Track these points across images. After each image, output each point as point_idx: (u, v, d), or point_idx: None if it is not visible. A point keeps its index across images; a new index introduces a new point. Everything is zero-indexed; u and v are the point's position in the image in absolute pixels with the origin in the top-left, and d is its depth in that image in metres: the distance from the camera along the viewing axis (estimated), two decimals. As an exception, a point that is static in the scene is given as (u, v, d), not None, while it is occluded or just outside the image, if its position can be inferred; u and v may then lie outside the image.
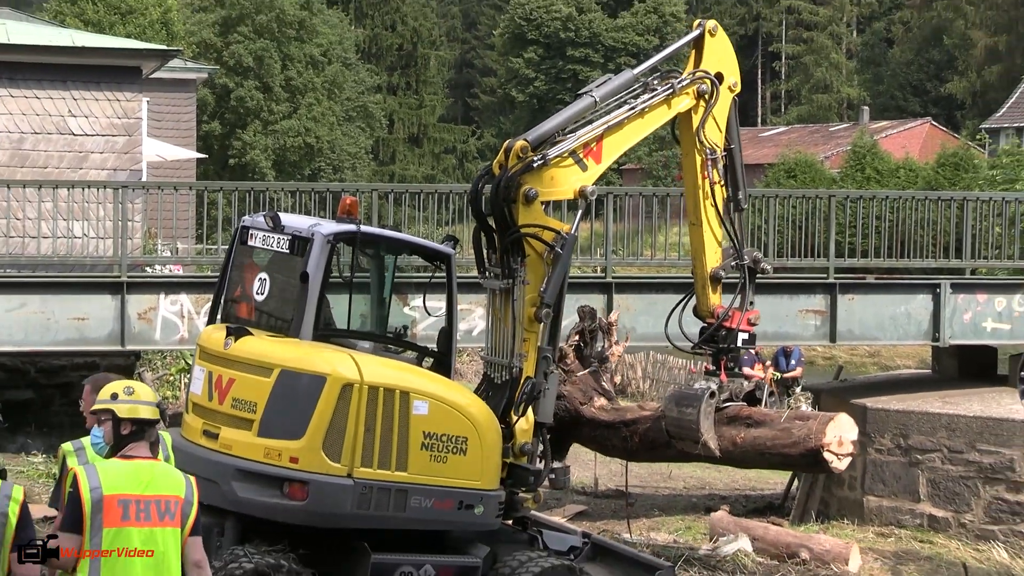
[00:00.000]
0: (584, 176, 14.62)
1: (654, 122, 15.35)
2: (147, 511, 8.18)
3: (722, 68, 15.65)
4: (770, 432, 14.93)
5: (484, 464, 13.80)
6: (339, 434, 13.06)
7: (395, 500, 13.40)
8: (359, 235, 14.22)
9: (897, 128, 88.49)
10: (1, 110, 27.73)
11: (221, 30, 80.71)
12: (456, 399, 13.86)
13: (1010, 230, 26.23)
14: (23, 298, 21.46)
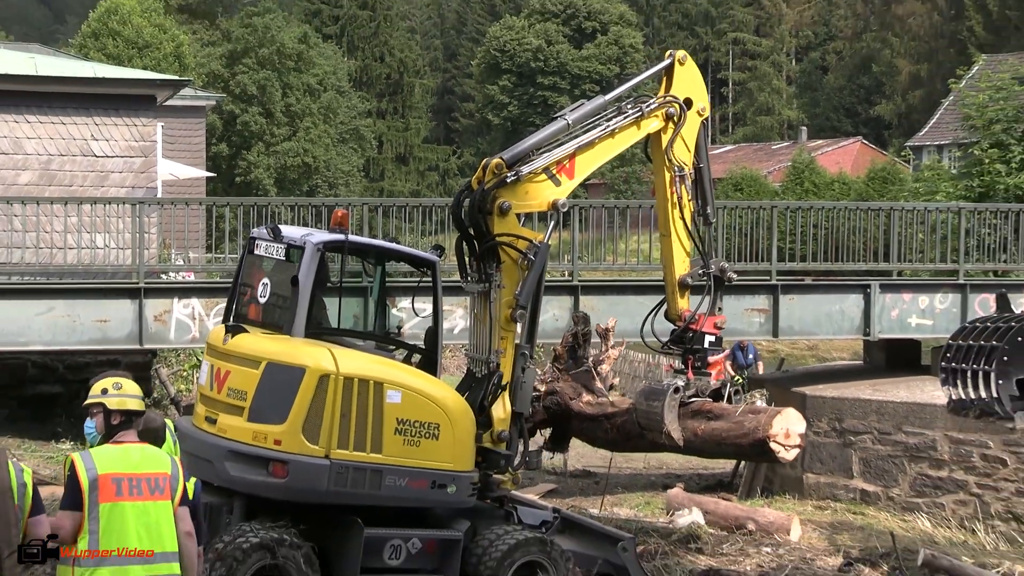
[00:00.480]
0: (558, 190, 14.61)
1: (624, 142, 15.25)
2: (139, 487, 8.38)
3: (691, 94, 15.48)
4: (725, 424, 14.85)
5: (456, 449, 13.82)
6: (317, 419, 13.15)
7: (370, 479, 13.46)
8: (347, 244, 14.27)
9: (832, 146, 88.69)
10: (31, 134, 27.67)
11: (228, 62, 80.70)
12: (428, 390, 13.84)
13: (931, 236, 26.30)
14: (51, 303, 21.45)
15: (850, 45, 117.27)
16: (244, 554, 12.86)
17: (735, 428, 14.75)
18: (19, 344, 21.50)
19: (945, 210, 27.23)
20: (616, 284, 23.83)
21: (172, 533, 8.50)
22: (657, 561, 16.14)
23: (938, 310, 24.42)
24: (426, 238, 23.64)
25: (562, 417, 17.08)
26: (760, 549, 17.90)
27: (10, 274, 22.81)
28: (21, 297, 21.50)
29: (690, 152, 15.44)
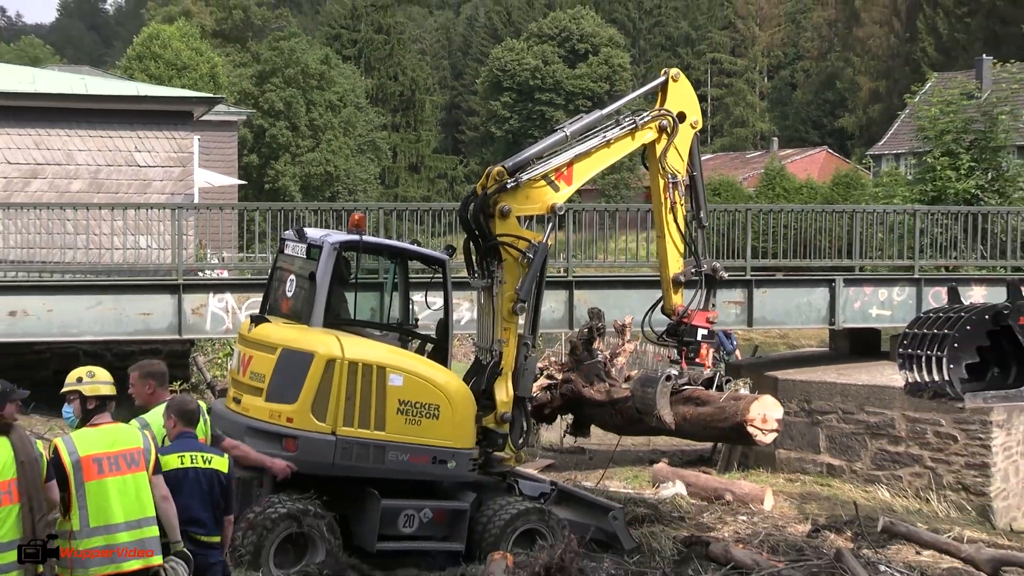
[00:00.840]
0: (557, 195, 14.60)
1: (620, 151, 15.14)
2: (116, 463, 8.47)
3: (684, 108, 15.40)
4: (710, 410, 14.75)
5: (456, 428, 13.89)
6: (324, 399, 13.33)
7: (374, 454, 13.60)
8: (361, 244, 14.40)
9: (800, 155, 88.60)
10: (82, 147, 27.71)
11: (257, 81, 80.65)
12: (429, 375, 13.91)
13: (890, 236, 26.33)
14: (100, 298, 21.47)
15: (816, 64, 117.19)
16: (273, 523, 12.93)
17: (718, 413, 14.68)
18: (71, 335, 21.52)
19: (902, 212, 27.27)
20: (606, 279, 23.82)
21: (150, 500, 8.61)
22: (644, 528, 16.15)
23: (896, 302, 24.43)
24: (436, 239, 23.63)
25: (576, 403, 17.03)
26: (736, 517, 17.91)
27: (63, 272, 22.83)
28: (73, 293, 21.52)
29: (683, 161, 15.27)
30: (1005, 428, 21.04)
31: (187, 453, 9.22)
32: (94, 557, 8.35)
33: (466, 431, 14.07)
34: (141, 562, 8.47)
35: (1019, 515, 21.13)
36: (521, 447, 14.93)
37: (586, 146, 14.76)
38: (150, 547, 8.54)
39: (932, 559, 14.87)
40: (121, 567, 8.40)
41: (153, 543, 8.57)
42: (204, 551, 9.11)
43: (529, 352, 14.74)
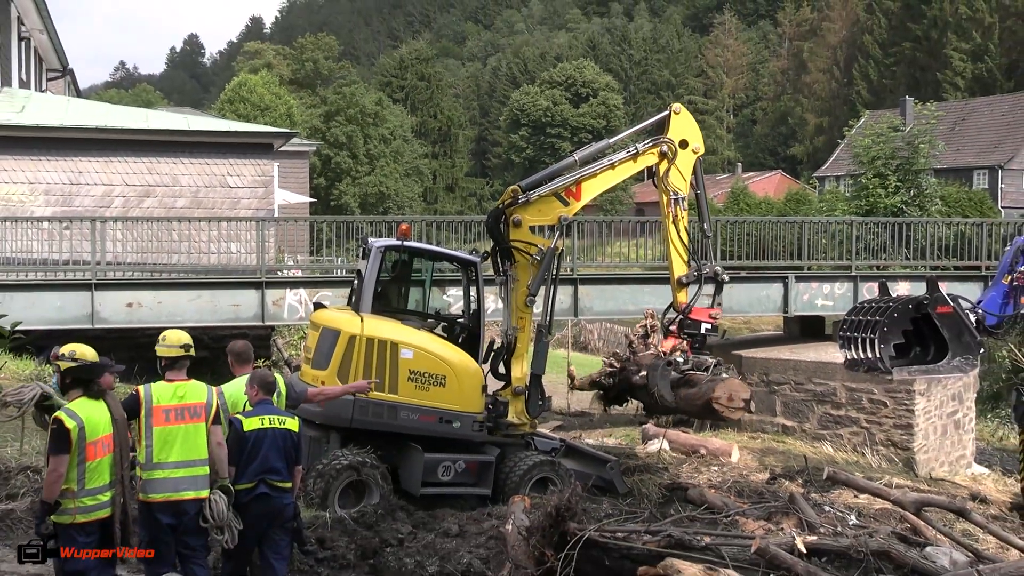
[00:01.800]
0: (565, 209, 14.40)
1: (623, 173, 14.82)
2: (181, 414, 8.64)
3: (686, 136, 14.81)
4: (694, 391, 14.63)
5: (461, 394, 13.84)
6: (347, 367, 13.51)
7: (388, 412, 13.72)
8: (402, 247, 14.65)
9: (759, 177, 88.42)
10: (184, 172, 27.74)
11: (324, 119, 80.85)
12: (436, 350, 13.87)
13: (832, 241, 26.22)
14: (199, 292, 21.50)
15: (772, 104, 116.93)
16: (337, 472, 12.94)
17: (696, 393, 14.56)
18: (176, 321, 21.49)
19: (841, 223, 27.14)
20: (604, 277, 23.72)
21: (204, 446, 8.71)
22: (635, 477, 16.08)
23: (837, 295, 24.32)
24: (468, 244, 23.62)
25: (628, 389, 16.74)
26: (709, 468, 17.83)
27: (170, 272, 22.86)
28: (177, 289, 21.54)
29: (685, 181, 14.72)
30: (925, 395, 20.92)
31: (266, 416, 9.25)
32: (156, 484, 8.55)
33: (470, 398, 13.93)
34: (193, 493, 8.63)
35: (936, 466, 21.01)
36: (536, 415, 14.73)
37: (594, 168, 14.52)
38: (200, 484, 8.68)
39: (867, 501, 14.77)
40: (177, 495, 8.57)
41: (203, 480, 8.70)
42: (279, 494, 9.12)
43: (544, 337, 14.60)
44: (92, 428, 8.13)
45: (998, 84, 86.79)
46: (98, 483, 8.14)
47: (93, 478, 8.11)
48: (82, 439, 8.06)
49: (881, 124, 43.32)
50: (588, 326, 44.71)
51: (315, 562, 10.98)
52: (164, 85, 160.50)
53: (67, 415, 8.10)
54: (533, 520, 10.13)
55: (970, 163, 71.30)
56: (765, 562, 9.16)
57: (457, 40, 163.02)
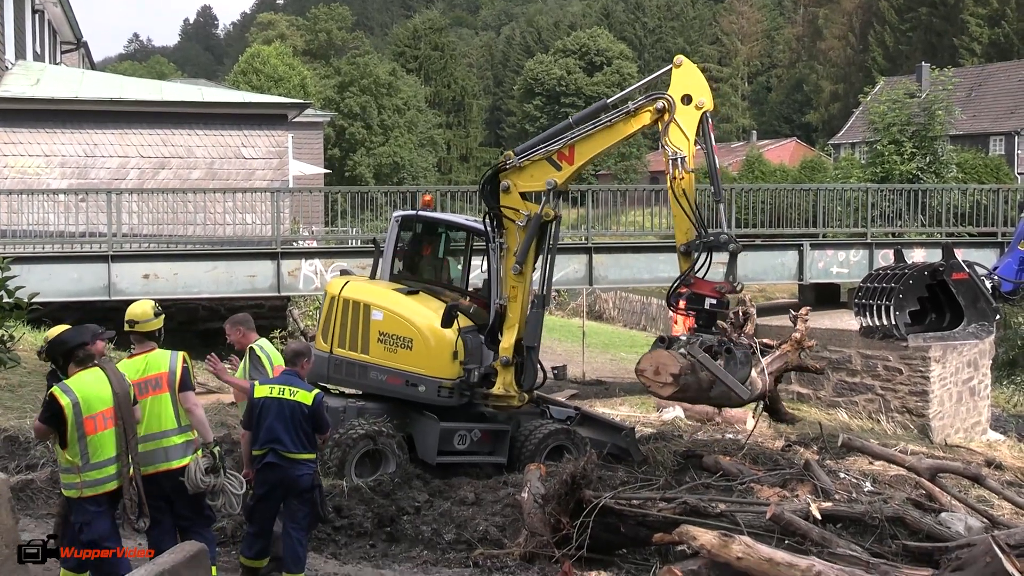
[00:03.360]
0: (557, 174, 13.36)
1: (619, 134, 13.15)
2: (144, 388, 8.58)
3: (689, 91, 12.56)
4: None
5: (428, 359, 13.55)
6: (328, 327, 14.10)
7: (359, 372, 13.94)
8: (417, 217, 14.75)
9: (774, 145, 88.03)
10: (199, 143, 27.73)
11: (338, 90, 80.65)
12: (406, 313, 13.71)
13: (847, 208, 26.12)
14: (215, 263, 21.52)
15: (787, 71, 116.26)
16: (354, 442, 12.98)
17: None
18: (193, 293, 21.60)
19: (857, 190, 27.00)
20: (618, 246, 23.70)
21: (170, 415, 8.63)
22: (650, 444, 16.09)
23: (852, 262, 24.24)
24: (483, 214, 23.61)
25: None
26: (724, 436, 17.84)
27: (186, 243, 22.90)
28: (194, 260, 21.57)
29: (688, 139, 12.46)
30: (941, 362, 20.87)
31: (276, 386, 9.28)
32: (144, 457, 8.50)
33: (437, 363, 13.59)
34: (166, 464, 8.57)
35: (952, 432, 20.99)
36: (528, 388, 14.01)
37: (586, 129, 13.28)
38: (174, 453, 8.61)
39: (882, 468, 14.78)
40: (154, 468, 8.52)
41: (177, 449, 8.62)
42: (287, 464, 9.15)
43: (538, 307, 13.85)
44: (88, 403, 8.04)
45: (1015, 49, 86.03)
46: (102, 456, 8.07)
47: (97, 452, 8.05)
48: (78, 414, 7.99)
49: (897, 90, 43.00)
50: (603, 295, 44.68)
51: (332, 530, 11.06)
52: (178, 57, 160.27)
53: (61, 390, 8.04)
54: (549, 488, 10.18)
55: (986, 129, 70.82)
56: (780, 528, 9.19)
57: (470, 9, 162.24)
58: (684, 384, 11.43)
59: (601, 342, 33.54)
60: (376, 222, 27.25)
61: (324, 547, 10.80)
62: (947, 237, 24.81)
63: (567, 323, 36.22)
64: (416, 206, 22.67)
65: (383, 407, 13.91)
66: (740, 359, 11.90)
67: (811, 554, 8.68)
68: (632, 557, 10.08)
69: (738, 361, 11.82)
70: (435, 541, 11.05)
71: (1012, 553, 8.12)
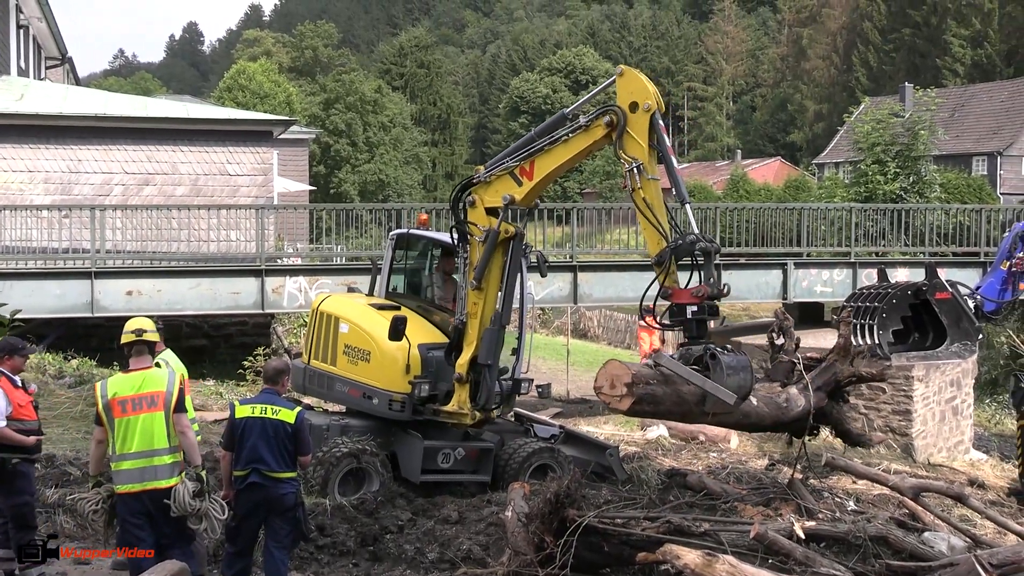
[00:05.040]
0: (518, 190, 12.88)
1: (576, 147, 12.44)
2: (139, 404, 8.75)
3: (635, 98, 11.71)
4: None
5: (382, 372, 13.60)
6: (307, 339, 14.69)
7: (327, 383, 14.21)
8: (407, 235, 14.97)
9: (759, 164, 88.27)
10: (184, 160, 27.71)
11: (324, 106, 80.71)
12: (367, 326, 13.82)
13: (831, 228, 26.24)
14: (199, 280, 21.51)
15: (771, 91, 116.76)
16: (337, 460, 12.95)
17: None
18: (176, 309, 21.54)
19: (840, 209, 27.14)
20: (603, 264, 23.73)
21: (163, 434, 8.73)
22: (634, 463, 16.08)
23: (836, 281, 24.34)
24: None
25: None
26: (708, 454, 17.84)
27: (170, 260, 22.86)
28: (178, 277, 21.55)
29: (643, 145, 11.51)
30: (924, 381, 20.90)
31: (258, 405, 9.23)
32: (122, 475, 8.66)
33: (390, 376, 13.58)
34: (154, 483, 8.62)
35: (935, 451, 21.01)
36: (483, 408, 13.59)
37: (546, 144, 12.70)
38: (163, 473, 8.67)
39: (866, 487, 14.80)
40: (141, 486, 8.63)
41: (166, 469, 8.69)
42: (271, 483, 9.10)
43: (496, 325, 13.41)
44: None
45: (997, 70, 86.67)
46: None
47: None
48: None
49: (881, 110, 43.29)
50: (588, 313, 44.72)
51: (315, 549, 11.01)
52: (163, 73, 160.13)
53: None
54: (533, 506, 10.15)
55: (969, 149, 71.22)
56: (764, 547, 9.19)
57: (456, 27, 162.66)
58: (647, 395, 10.25)
59: (586, 360, 33.55)
60: (361, 239, 27.25)
61: (307, 566, 10.76)
62: (930, 257, 24.92)
63: (552, 341, 36.24)
64: (403, 223, 22.76)
65: (367, 425, 13.89)
66: (730, 364, 10.52)
67: (795, 573, 8.69)
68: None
69: (725, 366, 10.44)
70: (418, 560, 11.01)
71: (994, 572, 8.14)
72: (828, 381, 12.51)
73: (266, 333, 26.70)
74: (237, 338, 26.04)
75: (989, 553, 9.23)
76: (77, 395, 17.97)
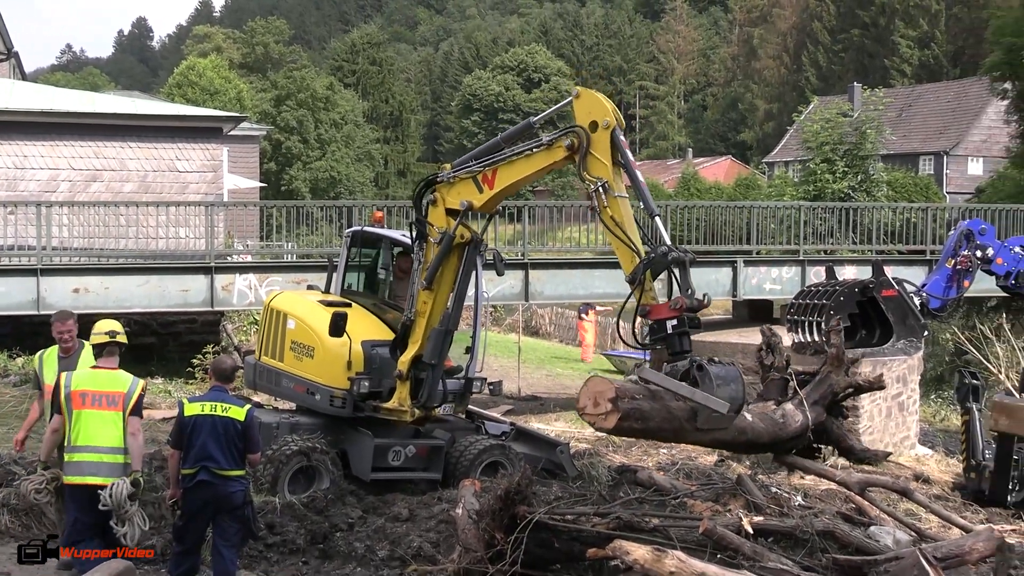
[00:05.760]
0: (479, 196, 12.65)
1: (537, 164, 12.08)
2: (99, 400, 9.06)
3: (594, 117, 11.21)
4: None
5: (324, 368, 13.67)
6: (259, 335, 14.87)
7: (275, 379, 14.27)
8: (361, 233, 14.87)
9: (709, 162, 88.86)
10: (133, 156, 27.46)
11: (275, 103, 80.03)
12: (312, 322, 13.83)
13: (780, 226, 26.47)
14: (148, 277, 21.32)
15: (722, 90, 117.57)
16: (287, 458, 12.89)
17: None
18: (124, 307, 21.29)
19: (790, 207, 27.38)
20: (555, 262, 23.79)
21: (119, 434, 9.00)
22: (585, 459, 16.13)
23: (784, 278, 24.53)
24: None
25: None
26: (658, 451, 17.92)
27: (117, 257, 22.62)
28: (126, 274, 21.34)
29: (607, 164, 11.10)
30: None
31: (208, 403, 9.17)
32: (70, 467, 8.95)
33: (331, 372, 13.62)
34: (101, 479, 8.82)
35: (881, 447, 21.23)
36: (421, 405, 13.49)
37: (509, 155, 12.44)
38: (110, 471, 8.89)
39: (813, 482, 14.95)
40: (84, 479, 8.86)
41: (115, 468, 8.92)
42: (220, 481, 9.05)
43: (444, 326, 13.25)
44: None
45: (944, 71, 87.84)
46: None
47: None
48: None
49: (830, 110, 43.75)
50: (539, 311, 44.78)
51: (264, 547, 10.95)
52: (112, 69, 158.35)
53: None
54: (483, 503, 10.15)
55: (916, 149, 72.10)
56: (713, 543, 9.24)
57: (409, 24, 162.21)
58: (634, 410, 9.54)
59: (537, 358, 33.59)
60: (312, 236, 27.11)
61: (256, 564, 10.70)
62: (877, 255, 25.19)
63: (503, 339, 36.23)
64: (354, 221, 22.67)
65: (317, 422, 13.85)
66: (719, 375, 9.94)
67: (743, 568, 8.75)
68: (566, 572, 10.08)
69: (714, 377, 9.86)
70: (368, 557, 10.98)
71: (939, 566, 8.25)
72: (824, 394, 11.88)
73: (216, 331, 26.49)
74: (186, 336, 25.80)
75: (934, 547, 9.35)
76: (23, 393, 17.74)
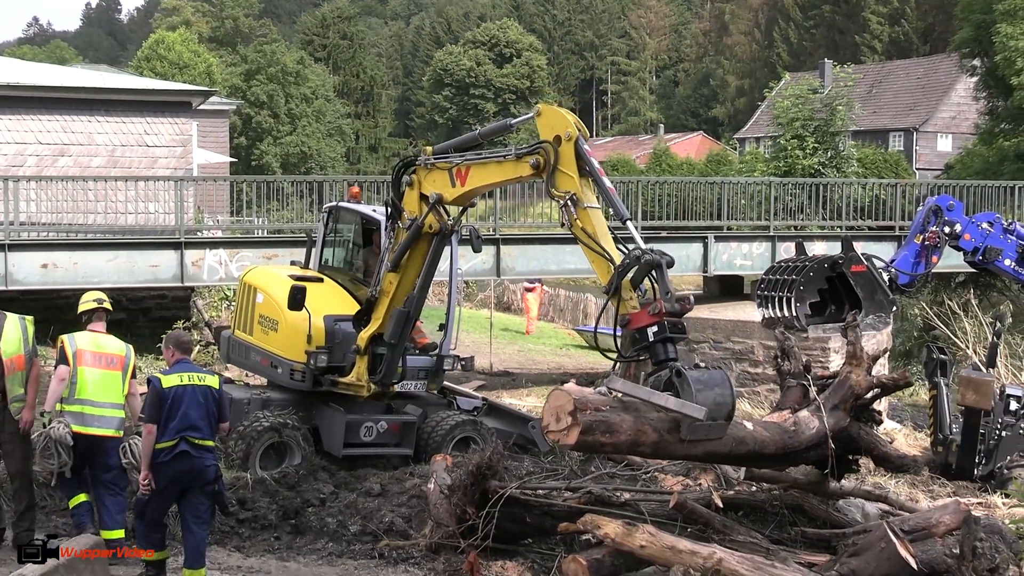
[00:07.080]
0: (451, 190, 12.33)
1: (506, 173, 11.53)
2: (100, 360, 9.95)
3: (557, 131, 10.55)
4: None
5: (286, 341, 13.85)
6: (235, 310, 15.22)
7: (246, 353, 14.54)
8: (338, 208, 14.95)
9: (681, 138, 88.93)
10: (101, 130, 27.23)
11: (245, 77, 79.48)
12: (277, 295, 13.96)
13: (751, 202, 26.53)
14: (117, 253, 21.16)
15: (694, 65, 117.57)
16: (258, 434, 12.89)
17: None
18: (94, 283, 21.05)
19: (760, 183, 27.47)
20: (527, 237, 23.79)
21: (119, 392, 9.94)
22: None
23: (755, 254, 24.63)
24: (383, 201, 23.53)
25: None
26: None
27: (86, 232, 22.46)
28: (95, 249, 21.17)
29: (573, 177, 10.47)
30: (840, 353, 21.27)
31: (184, 373, 9.15)
32: (71, 417, 9.68)
33: (291, 345, 13.78)
34: (102, 431, 9.75)
35: (851, 421, 21.41)
36: (381, 382, 13.50)
37: (483, 157, 12.10)
38: (111, 424, 9.82)
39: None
40: (87, 430, 9.70)
41: (115, 421, 9.85)
42: (200, 453, 9.01)
43: (405, 306, 13.13)
44: None
45: (914, 47, 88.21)
46: None
47: None
48: None
49: (800, 86, 43.80)
50: (511, 286, 44.81)
51: (236, 523, 10.93)
52: (79, 42, 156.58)
53: None
54: (455, 479, 10.17)
55: (886, 125, 72.45)
56: (683, 516, 9.31)
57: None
58: (599, 423, 8.57)
59: (509, 334, 33.64)
60: (283, 212, 27.00)
61: (228, 540, 10.69)
62: (847, 231, 25.33)
63: (475, 314, 36.21)
64: (325, 196, 22.58)
65: (288, 398, 13.84)
66: (699, 379, 9.02)
67: (713, 541, 8.81)
68: (537, 547, 10.13)
69: (693, 382, 8.93)
70: (340, 533, 10.99)
71: (906, 538, 8.34)
72: (845, 397, 10.56)
73: (186, 306, 26.37)
74: (156, 311, 25.67)
75: (900, 520, 9.46)
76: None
